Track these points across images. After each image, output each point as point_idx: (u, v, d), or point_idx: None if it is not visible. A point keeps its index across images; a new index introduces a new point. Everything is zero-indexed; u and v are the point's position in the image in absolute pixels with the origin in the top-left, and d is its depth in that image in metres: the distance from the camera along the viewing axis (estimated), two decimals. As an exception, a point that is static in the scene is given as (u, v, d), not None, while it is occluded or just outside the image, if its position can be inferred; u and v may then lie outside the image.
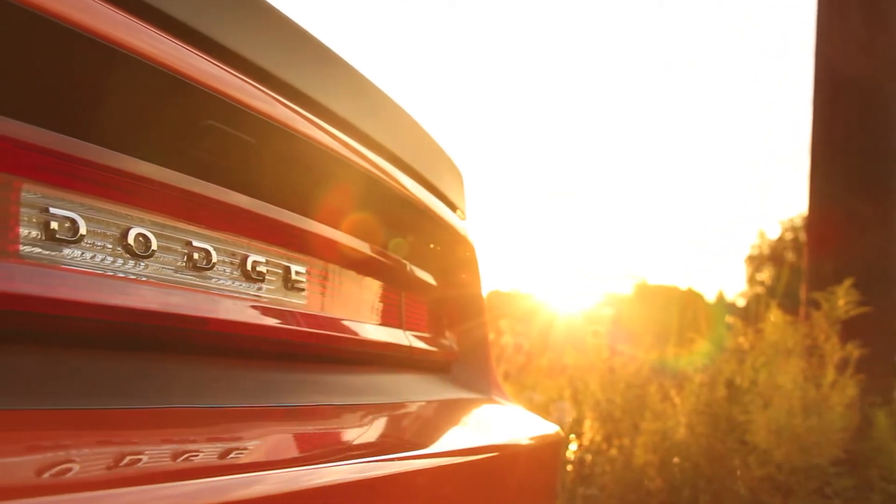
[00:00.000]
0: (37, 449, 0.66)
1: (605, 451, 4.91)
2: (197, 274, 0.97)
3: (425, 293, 1.72)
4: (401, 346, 1.50)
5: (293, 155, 1.11)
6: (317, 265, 1.25)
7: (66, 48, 0.76)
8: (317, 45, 1.21)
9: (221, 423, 0.90)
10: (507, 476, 1.41)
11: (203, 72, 0.91)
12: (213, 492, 0.69)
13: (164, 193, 0.93)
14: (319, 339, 1.21)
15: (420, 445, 1.20)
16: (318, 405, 1.12)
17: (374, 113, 1.40)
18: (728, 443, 4.37)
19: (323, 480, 0.85)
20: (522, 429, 1.63)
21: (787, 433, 4.31)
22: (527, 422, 1.72)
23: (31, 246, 0.77)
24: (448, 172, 1.76)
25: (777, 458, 4.27)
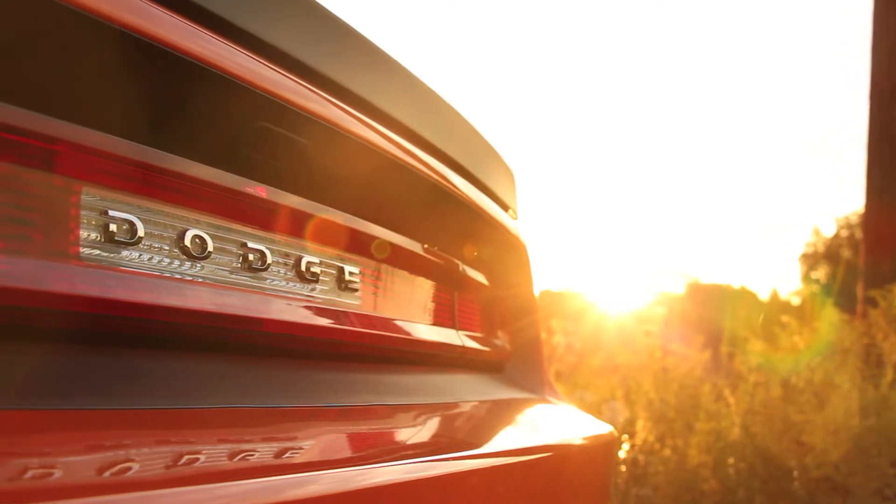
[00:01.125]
0: (97, 448, 0.66)
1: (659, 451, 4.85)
2: (252, 275, 0.97)
3: (478, 293, 1.71)
4: (454, 346, 1.49)
5: (346, 156, 1.11)
6: (370, 265, 1.24)
7: (123, 53, 0.77)
8: (369, 46, 1.21)
9: (276, 423, 0.90)
10: (560, 476, 1.40)
11: (257, 74, 0.91)
12: (268, 492, 0.69)
13: (219, 195, 0.93)
14: (373, 340, 1.20)
15: (474, 445, 1.19)
16: (372, 405, 1.11)
17: (427, 114, 1.40)
18: (784, 443, 4.29)
19: (377, 480, 0.84)
20: (576, 428, 1.62)
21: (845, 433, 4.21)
22: (580, 421, 1.70)
23: (90, 248, 0.77)
24: (500, 172, 1.74)
25: (834, 459, 4.18)
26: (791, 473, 4.29)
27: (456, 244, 1.55)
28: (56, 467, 0.59)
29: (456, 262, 1.55)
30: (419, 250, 1.37)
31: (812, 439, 4.25)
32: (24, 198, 0.72)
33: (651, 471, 4.69)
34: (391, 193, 1.27)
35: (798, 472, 4.28)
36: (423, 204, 1.37)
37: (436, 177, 1.31)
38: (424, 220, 1.40)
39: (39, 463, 0.58)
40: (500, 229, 1.63)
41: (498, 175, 1.72)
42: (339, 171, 1.14)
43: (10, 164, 0.71)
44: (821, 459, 4.20)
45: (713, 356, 6.75)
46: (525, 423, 1.54)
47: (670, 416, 4.97)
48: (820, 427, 4.29)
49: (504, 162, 1.80)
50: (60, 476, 0.58)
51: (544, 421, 1.63)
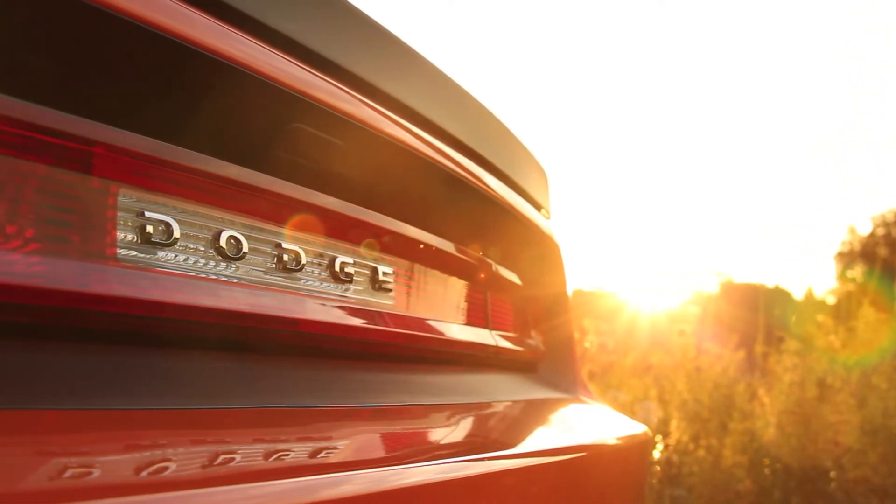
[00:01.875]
0: (133, 448, 0.66)
1: (693, 451, 4.81)
2: (287, 275, 0.97)
3: (511, 293, 1.70)
4: (487, 345, 1.49)
5: (380, 156, 1.11)
6: (403, 265, 1.24)
7: (158, 56, 0.77)
8: (401, 46, 1.21)
9: (311, 423, 0.90)
10: (595, 476, 1.39)
11: (291, 75, 0.91)
12: (303, 492, 0.69)
13: (253, 196, 0.94)
14: (407, 340, 1.20)
15: (507, 445, 1.18)
16: (406, 405, 1.11)
17: (459, 113, 1.39)
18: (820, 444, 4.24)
19: (411, 480, 0.84)
20: (610, 428, 1.61)
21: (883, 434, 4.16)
22: (614, 421, 1.69)
23: (127, 249, 0.78)
24: (532, 172, 1.74)
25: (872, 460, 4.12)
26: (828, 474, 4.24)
27: (489, 244, 1.55)
28: (93, 467, 0.59)
29: (489, 261, 1.54)
30: (452, 250, 1.37)
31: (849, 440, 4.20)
32: (62, 199, 0.73)
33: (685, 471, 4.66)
34: (424, 193, 1.27)
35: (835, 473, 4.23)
36: (457, 204, 1.36)
37: (469, 177, 1.30)
38: (457, 219, 1.40)
39: (78, 462, 0.59)
40: (533, 229, 1.63)
41: (531, 174, 1.71)
42: (372, 171, 1.13)
43: (48, 166, 0.71)
44: (858, 460, 4.15)
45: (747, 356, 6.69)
46: (559, 423, 1.53)
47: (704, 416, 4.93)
48: (857, 427, 4.24)
49: (537, 161, 1.79)
50: (97, 476, 0.58)
51: (578, 421, 1.62)
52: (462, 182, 1.28)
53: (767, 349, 6.44)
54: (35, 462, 0.57)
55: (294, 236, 0.99)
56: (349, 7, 1.09)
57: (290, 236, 0.99)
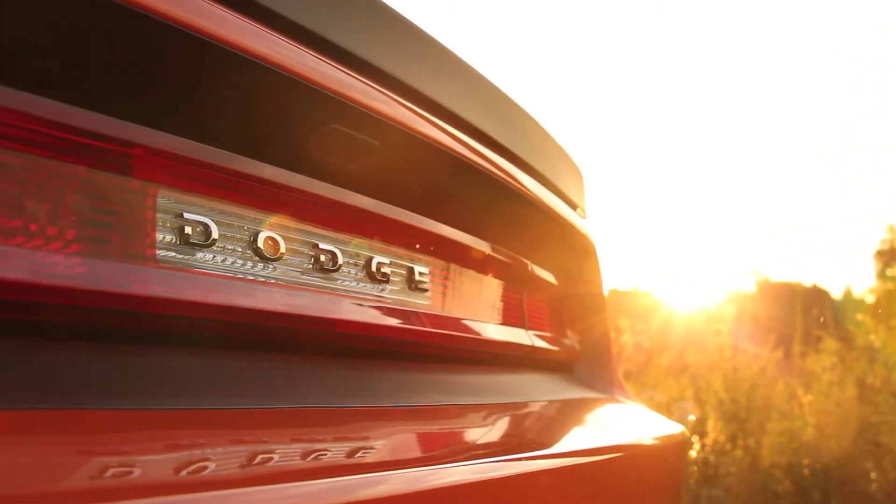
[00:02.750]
0: (172, 448, 0.66)
1: (730, 451, 4.76)
2: (324, 276, 0.97)
3: (546, 292, 1.69)
4: (523, 345, 1.48)
5: (415, 157, 1.10)
6: (439, 265, 1.24)
7: (196, 58, 0.77)
8: (437, 46, 1.21)
9: (348, 423, 0.90)
10: (632, 477, 1.38)
11: (327, 76, 0.91)
12: (340, 491, 0.69)
13: (291, 197, 0.94)
14: (443, 340, 1.20)
15: (544, 445, 1.17)
16: (443, 405, 1.11)
17: (495, 113, 1.38)
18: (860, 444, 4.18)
19: (448, 480, 0.83)
20: (647, 428, 1.59)
21: (925, 435, 4.09)
22: (651, 421, 1.67)
23: (166, 250, 0.78)
24: (568, 171, 1.72)
25: (914, 461, 4.06)
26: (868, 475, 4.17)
27: (524, 243, 1.54)
28: (133, 466, 0.59)
29: (524, 261, 1.53)
30: (488, 250, 1.36)
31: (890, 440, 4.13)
32: (101, 201, 0.73)
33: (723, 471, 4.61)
34: (459, 193, 1.26)
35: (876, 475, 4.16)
36: (492, 203, 1.36)
37: (504, 176, 1.29)
38: (493, 219, 1.39)
39: (118, 462, 0.59)
40: (569, 228, 1.61)
41: (566, 173, 1.70)
42: (408, 171, 1.13)
43: (88, 168, 0.72)
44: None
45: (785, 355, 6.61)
46: (595, 423, 1.52)
47: (741, 416, 4.88)
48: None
49: (572, 160, 1.78)
50: (137, 475, 0.58)
51: (615, 420, 1.60)
52: (498, 182, 1.27)
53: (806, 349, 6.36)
54: (77, 461, 0.58)
55: (331, 237, 1.00)
56: (384, 7, 1.08)
57: (327, 237, 0.99)
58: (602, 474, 1.23)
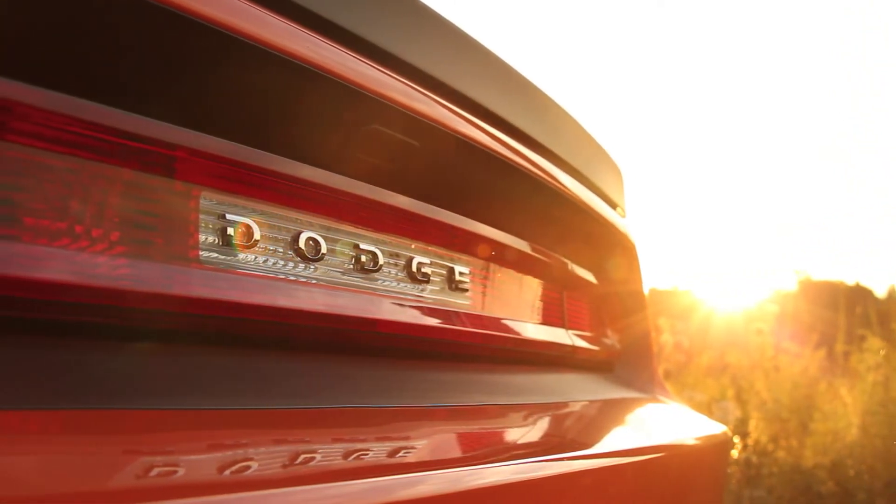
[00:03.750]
0: (214, 448, 0.67)
1: (772, 452, 4.70)
2: (364, 276, 0.97)
3: (586, 291, 1.68)
4: (563, 345, 1.47)
5: (455, 156, 1.10)
6: (479, 265, 1.23)
7: (237, 60, 0.78)
8: (475, 45, 1.20)
9: (389, 423, 0.90)
10: (673, 477, 1.36)
11: (368, 77, 0.91)
12: (381, 491, 0.68)
13: (332, 197, 0.94)
14: (483, 340, 1.19)
15: (585, 445, 1.16)
16: (483, 405, 1.10)
17: (534, 112, 1.38)
18: (906, 444, 4.10)
19: (488, 481, 0.83)
20: (689, 428, 1.57)
21: (973, 435, 4.00)
22: (693, 421, 1.65)
23: (209, 251, 0.78)
24: (607, 170, 1.71)
25: (961, 462, 3.97)
26: (914, 476, 4.09)
27: (564, 242, 1.53)
28: (176, 466, 0.60)
29: (564, 260, 1.52)
30: (528, 249, 1.36)
31: (936, 441, 4.05)
32: (146, 203, 0.74)
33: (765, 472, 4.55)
34: (499, 193, 1.26)
35: (923, 475, 4.08)
36: (532, 203, 1.35)
37: (544, 175, 1.29)
38: (533, 218, 1.38)
39: (164, 461, 0.59)
40: (609, 227, 1.60)
41: (606, 172, 1.68)
42: (448, 170, 1.13)
43: (133, 170, 0.72)
44: (947, 462, 4.00)
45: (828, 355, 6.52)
46: (636, 423, 1.50)
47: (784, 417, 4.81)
48: (945, 428, 4.08)
49: (611, 159, 1.76)
50: (181, 475, 0.58)
51: (656, 420, 1.59)
52: (537, 181, 1.27)
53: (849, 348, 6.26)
54: (122, 461, 0.58)
55: (371, 237, 0.99)
56: (423, 6, 1.08)
57: (368, 237, 0.99)
58: (643, 474, 1.22)
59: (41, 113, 0.65)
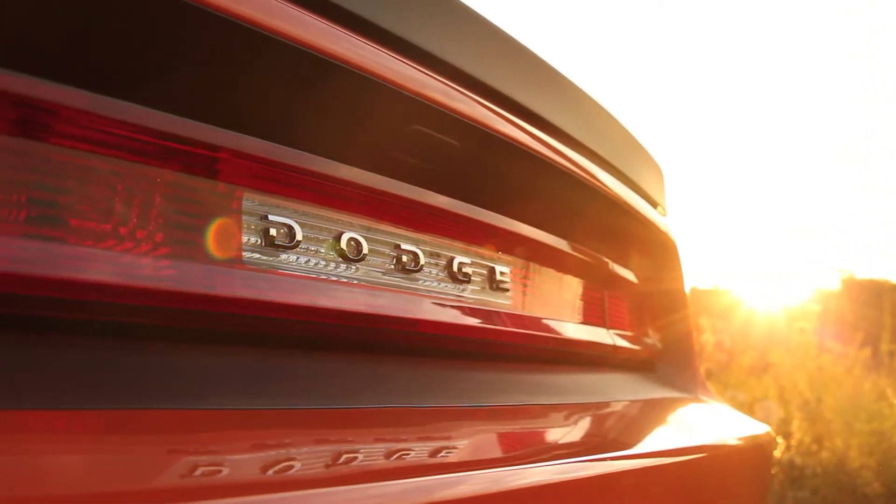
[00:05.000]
0: (256, 448, 0.67)
1: (816, 452, 4.63)
2: (405, 276, 0.97)
3: (627, 291, 1.66)
4: (605, 344, 1.45)
5: (496, 156, 1.09)
6: (520, 265, 1.23)
7: (278, 61, 0.78)
8: (515, 44, 1.19)
9: (429, 423, 0.89)
10: (716, 477, 1.34)
11: (408, 77, 0.91)
12: (423, 492, 0.68)
13: (373, 198, 0.94)
14: (525, 339, 1.19)
15: (627, 445, 1.15)
16: (525, 405, 1.10)
17: (574, 111, 1.37)
18: (954, 446, 4.01)
19: (530, 481, 0.82)
20: (731, 429, 1.55)
21: None
22: (736, 421, 1.63)
23: (252, 252, 0.79)
24: (648, 169, 1.69)
25: None
26: (962, 477, 4.01)
27: (605, 242, 1.52)
28: (219, 465, 0.60)
29: (605, 260, 1.51)
30: (568, 248, 1.35)
31: None
32: (189, 204, 0.74)
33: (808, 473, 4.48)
34: (540, 192, 1.25)
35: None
36: (572, 202, 1.34)
37: (584, 174, 1.28)
38: (573, 218, 1.37)
39: (206, 461, 0.59)
40: (650, 226, 1.59)
41: (646, 171, 1.67)
42: (488, 170, 1.12)
43: (176, 171, 0.73)
44: None
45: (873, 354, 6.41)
46: (679, 423, 1.49)
47: (827, 417, 4.74)
48: None
49: (652, 158, 1.75)
50: (224, 474, 0.58)
51: (698, 420, 1.57)
52: (578, 180, 1.26)
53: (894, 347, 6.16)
54: (168, 460, 0.58)
55: (412, 237, 0.99)
56: (462, 6, 1.08)
57: (409, 237, 0.99)
58: (686, 475, 1.21)
59: (85, 116, 0.65)
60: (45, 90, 0.62)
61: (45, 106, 0.63)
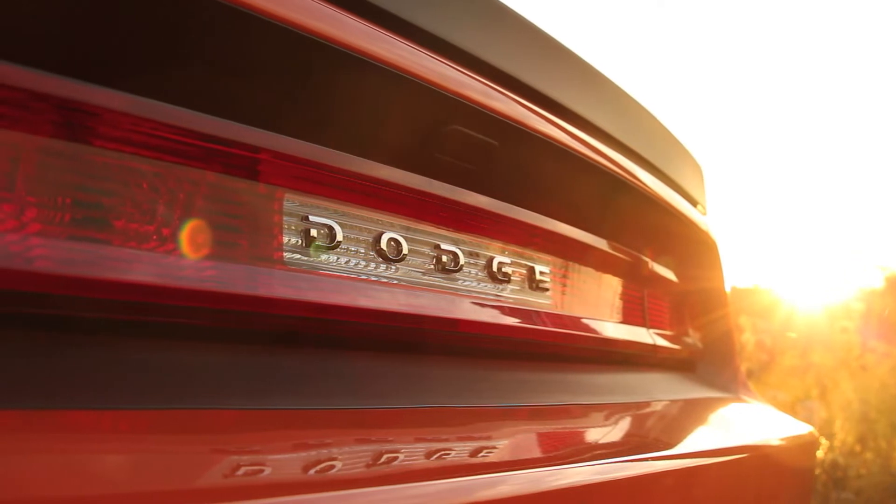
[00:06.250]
0: (297, 447, 0.67)
1: (860, 453, 4.56)
2: (445, 276, 0.97)
3: (667, 290, 1.65)
4: (645, 344, 1.44)
5: (535, 155, 1.09)
6: (560, 264, 1.22)
7: (318, 62, 0.78)
8: (552, 43, 1.19)
9: (470, 423, 0.89)
10: (759, 478, 1.32)
11: (447, 77, 0.90)
12: (463, 491, 0.68)
13: (412, 198, 0.93)
14: (565, 339, 1.18)
15: (669, 445, 1.14)
16: (565, 404, 1.09)
17: (612, 109, 1.35)
18: None
19: (571, 481, 0.81)
20: (774, 429, 1.53)
21: None
22: (778, 422, 1.61)
23: (293, 252, 0.79)
24: (687, 167, 1.68)
25: None
26: None
27: (645, 241, 1.50)
28: (261, 465, 0.60)
29: (645, 259, 1.50)
30: (608, 248, 1.34)
31: None
32: (230, 205, 0.74)
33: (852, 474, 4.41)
34: (579, 191, 1.24)
35: None
36: (612, 201, 1.33)
37: (623, 173, 1.27)
38: (613, 217, 1.36)
39: (249, 460, 0.60)
40: (690, 225, 1.57)
41: (686, 169, 1.65)
42: (528, 169, 1.12)
43: (217, 173, 0.73)
44: None
45: (917, 354, 6.29)
46: (721, 423, 1.47)
47: (871, 417, 4.66)
48: None
49: (691, 156, 1.73)
50: (265, 474, 0.59)
51: (740, 420, 1.55)
52: (617, 179, 1.25)
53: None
54: (214, 459, 0.58)
55: (452, 237, 0.99)
56: (500, 5, 1.07)
57: (448, 237, 0.98)
58: (729, 475, 1.19)
59: (128, 118, 0.66)
60: (89, 93, 0.63)
61: (89, 109, 0.63)
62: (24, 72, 0.59)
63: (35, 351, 0.60)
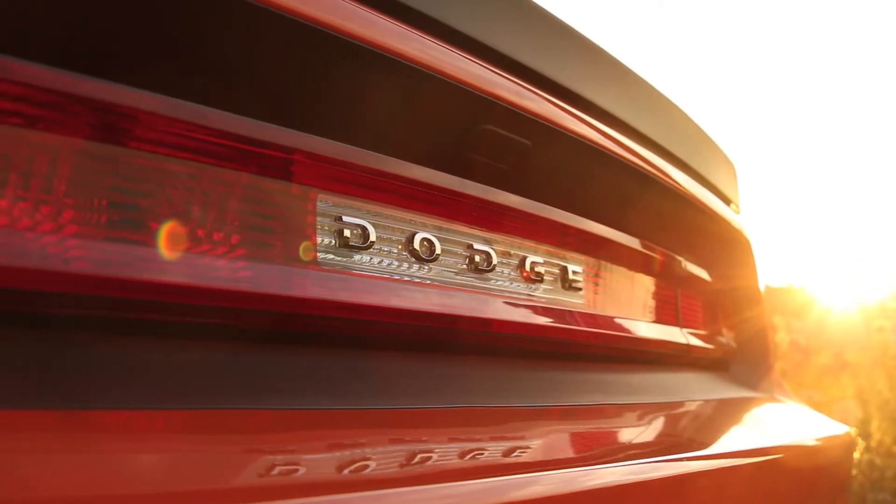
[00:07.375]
0: (330, 447, 0.67)
1: (897, 453, 4.49)
2: (478, 276, 0.96)
3: (701, 289, 1.63)
4: (678, 343, 1.43)
5: (568, 154, 1.08)
6: (593, 264, 1.21)
7: (351, 63, 0.78)
8: (584, 42, 1.18)
9: (503, 423, 0.88)
10: (795, 478, 1.30)
11: (479, 77, 0.90)
12: (496, 492, 0.67)
13: (445, 198, 0.93)
14: (598, 339, 1.17)
15: (703, 445, 1.13)
16: (598, 404, 1.08)
17: (645, 108, 1.34)
18: None
19: (604, 481, 0.81)
20: (810, 429, 1.51)
21: None
22: (814, 422, 1.58)
23: (326, 253, 0.79)
24: (720, 165, 1.66)
25: None
26: None
27: (678, 240, 1.49)
28: (295, 465, 0.60)
29: (678, 258, 1.48)
30: (641, 247, 1.32)
31: None
32: (264, 206, 0.74)
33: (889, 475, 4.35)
34: (612, 190, 1.23)
35: None
36: (645, 200, 1.32)
37: (657, 172, 1.25)
38: (646, 216, 1.35)
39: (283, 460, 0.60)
40: (723, 224, 1.55)
41: (719, 168, 1.63)
42: (560, 169, 1.11)
43: (251, 174, 0.73)
44: None
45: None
46: (756, 423, 1.45)
47: (909, 417, 4.59)
48: None
49: (724, 154, 1.71)
50: (299, 473, 0.59)
51: (776, 420, 1.53)
52: (650, 178, 1.23)
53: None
54: (246, 459, 0.59)
55: (484, 237, 0.99)
56: (532, 5, 1.07)
57: (481, 237, 0.98)
58: (765, 476, 1.18)
59: (162, 119, 0.66)
60: (125, 95, 0.63)
61: (125, 111, 0.64)
62: (61, 75, 0.60)
63: (73, 351, 0.60)
